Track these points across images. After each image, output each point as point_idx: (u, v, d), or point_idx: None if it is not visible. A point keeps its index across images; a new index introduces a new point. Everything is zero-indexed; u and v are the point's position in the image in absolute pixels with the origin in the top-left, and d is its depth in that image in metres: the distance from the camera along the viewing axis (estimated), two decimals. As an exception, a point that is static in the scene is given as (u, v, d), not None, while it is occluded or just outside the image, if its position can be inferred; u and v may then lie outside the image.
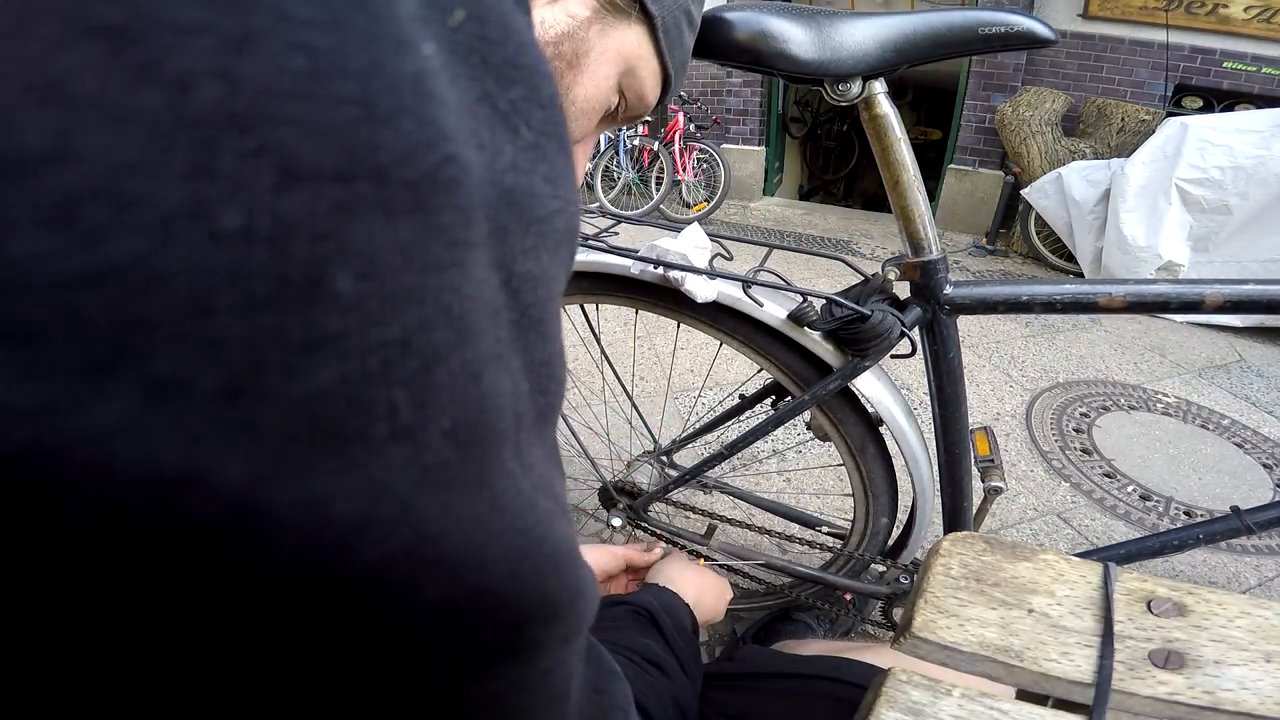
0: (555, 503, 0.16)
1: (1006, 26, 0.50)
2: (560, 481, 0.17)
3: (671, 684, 0.43)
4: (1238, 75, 2.97)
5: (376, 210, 0.10)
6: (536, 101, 0.14)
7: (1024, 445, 1.61)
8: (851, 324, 0.62)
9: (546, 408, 0.16)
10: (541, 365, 0.15)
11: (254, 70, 0.09)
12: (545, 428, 0.16)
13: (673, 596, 0.57)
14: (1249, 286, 0.54)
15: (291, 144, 0.09)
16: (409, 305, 0.11)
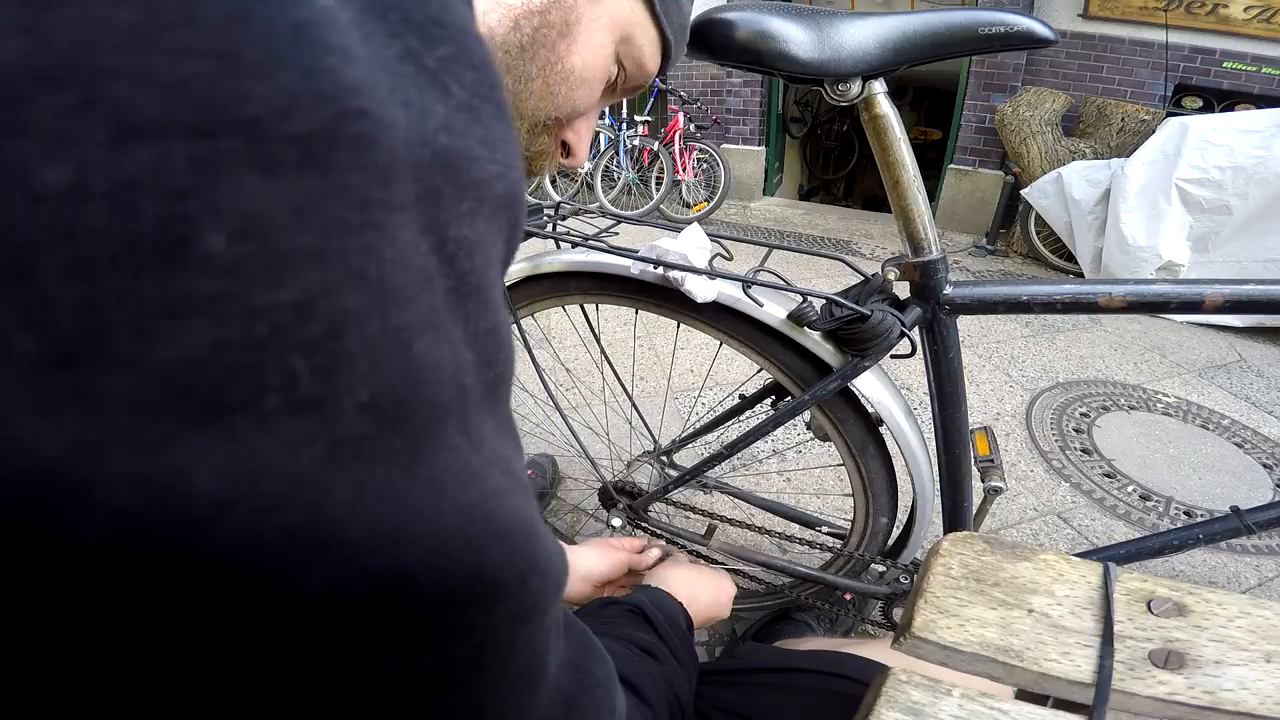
0: (511, 478, 0.15)
1: (1006, 26, 0.50)
2: (518, 456, 0.17)
3: (664, 669, 0.42)
4: (1238, 75, 2.97)
5: (251, 167, 0.09)
6: (467, 63, 0.14)
7: (1024, 445, 1.61)
8: (851, 324, 0.62)
9: (496, 380, 0.15)
10: (486, 334, 0.14)
11: (66, 25, 0.08)
12: (497, 402, 0.16)
13: (664, 595, 0.56)
14: (1249, 286, 0.54)
15: (126, 99, 0.08)
16: (305, 268, 0.10)
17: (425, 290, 0.12)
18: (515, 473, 0.16)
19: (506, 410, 0.17)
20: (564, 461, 1.47)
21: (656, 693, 0.39)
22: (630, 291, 0.74)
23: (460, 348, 0.13)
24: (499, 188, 0.14)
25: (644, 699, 0.37)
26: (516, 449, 0.17)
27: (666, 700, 0.40)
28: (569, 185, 4.32)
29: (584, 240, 0.72)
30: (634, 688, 0.37)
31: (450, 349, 0.13)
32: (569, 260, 0.77)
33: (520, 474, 0.16)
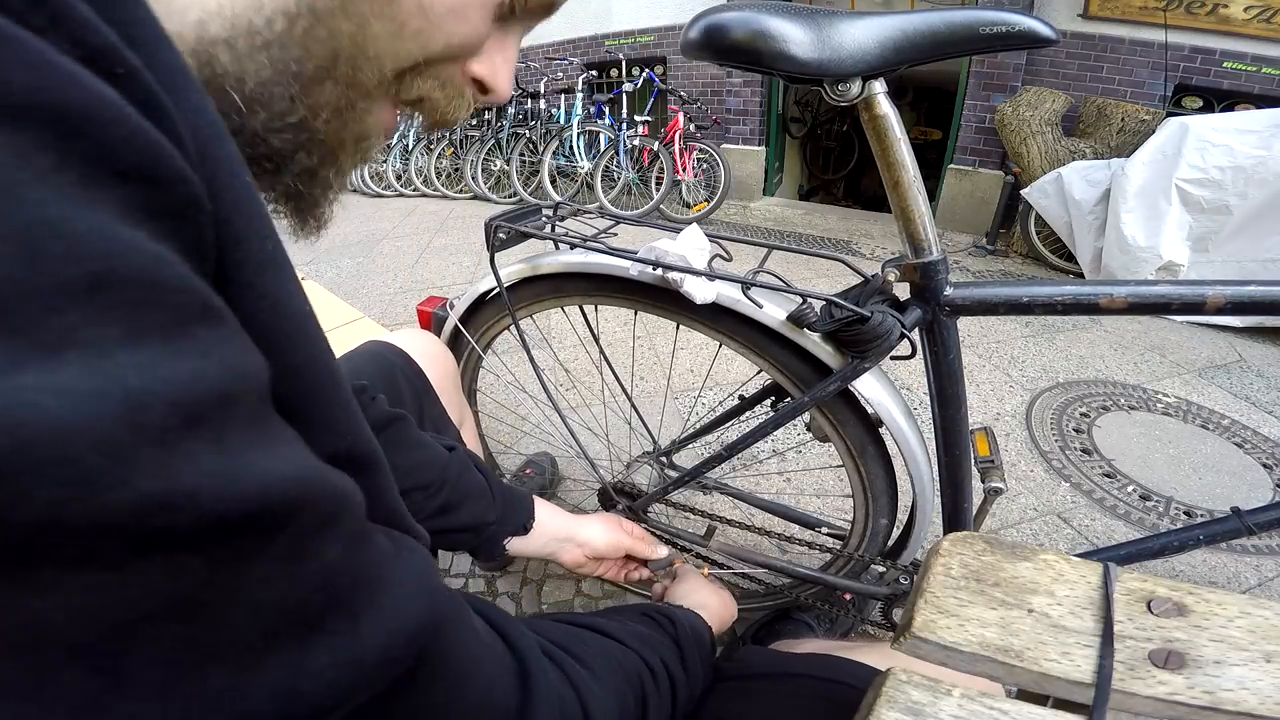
0: (104, 382, 0.14)
1: (1007, 26, 0.50)
2: (183, 365, 0.16)
3: (631, 655, 0.43)
4: (1238, 75, 2.97)
5: None
6: None
7: (1024, 445, 1.61)
8: (851, 325, 0.62)
9: (94, 280, 0.15)
10: (35, 229, 0.14)
11: None
12: (119, 307, 0.15)
13: (698, 619, 0.58)
14: (1250, 287, 0.54)
15: None
16: None
17: None
18: (144, 385, 0.15)
19: (191, 325, 0.17)
20: (563, 462, 1.47)
21: (610, 668, 0.40)
22: (629, 292, 0.74)
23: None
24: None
25: (583, 662, 0.38)
26: (204, 364, 0.17)
27: (626, 679, 0.41)
28: (569, 185, 4.33)
29: (583, 241, 0.72)
30: (577, 656, 0.38)
31: None
32: (568, 261, 0.77)
33: (182, 383, 0.16)
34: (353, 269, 3.01)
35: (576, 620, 0.45)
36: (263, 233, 0.23)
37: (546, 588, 1.17)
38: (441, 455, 0.59)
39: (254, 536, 0.18)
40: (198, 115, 0.20)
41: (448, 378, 0.76)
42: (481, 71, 0.36)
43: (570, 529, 0.71)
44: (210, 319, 0.18)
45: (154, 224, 0.17)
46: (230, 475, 0.17)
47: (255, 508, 0.17)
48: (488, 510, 0.62)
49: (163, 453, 0.15)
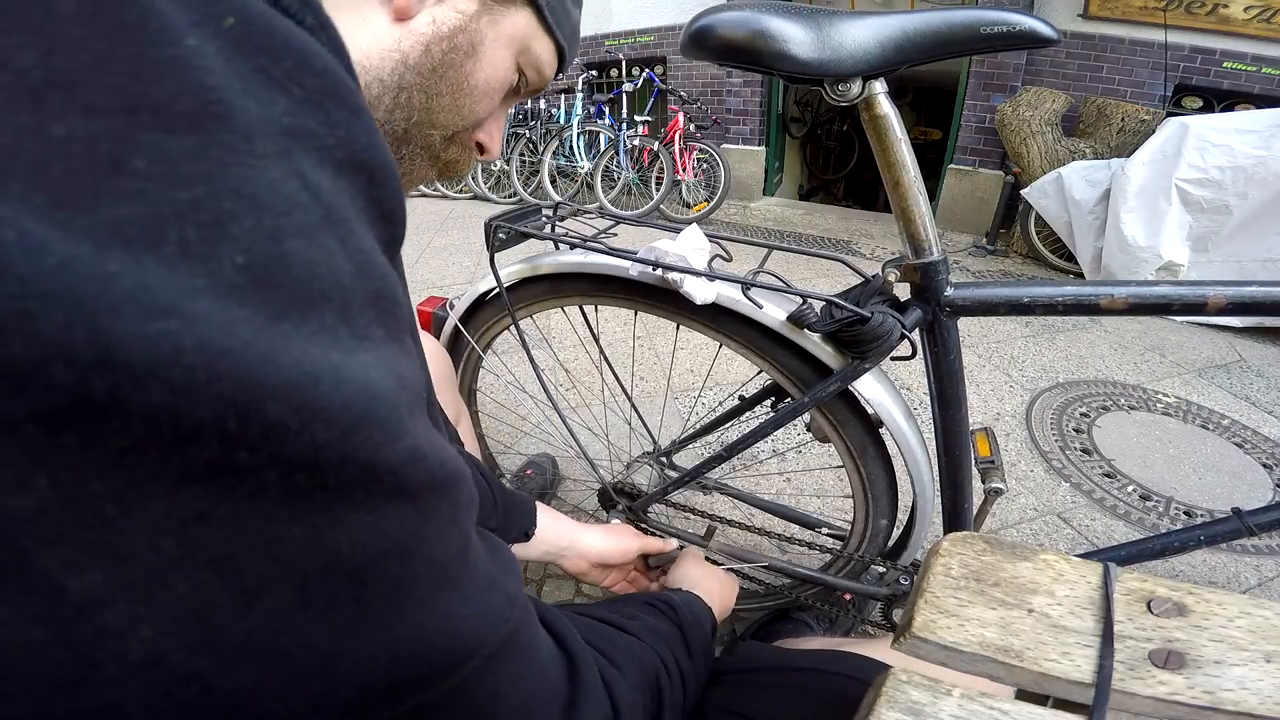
0: (387, 367, 0.19)
1: (1008, 26, 0.50)
2: (407, 365, 0.21)
3: (648, 649, 0.43)
4: (1238, 75, 2.98)
5: (158, 128, 0.15)
6: (308, 70, 0.19)
7: (1024, 445, 1.61)
8: (851, 326, 0.62)
9: (376, 291, 0.20)
10: (360, 254, 0.19)
11: (59, 63, 0.14)
12: (385, 314, 0.20)
13: (697, 599, 0.57)
14: (1251, 288, 0.54)
15: (90, 95, 0.15)
16: (197, 183, 0.16)
17: (297, 208, 0.17)
18: (399, 372, 0.20)
19: (405, 335, 0.22)
20: (563, 462, 1.47)
21: (634, 666, 0.40)
22: (629, 293, 0.74)
23: (338, 257, 0.18)
24: (340, 154, 0.19)
25: (614, 663, 0.39)
26: (411, 364, 0.21)
27: (645, 676, 0.41)
28: (569, 185, 4.33)
29: (583, 241, 0.72)
30: (604, 652, 0.39)
31: (324, 254, 0.18)
32: (567, 261, 0.77)
33: (406, 375, 0.20)
34: (353, 269, 3.00)
35: (593, 614, 0.45)
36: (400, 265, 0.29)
37: (546, 588, 1.17)
38: None
39: (439, 498, 0.22)
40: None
41: (444, 378, 0.76)
42: (483, 138, 0.49)
43: (572, 538, 0.71)
44: (414, 331, 0.24)
45: (389, 254, 0.22)
46: (436, 445, 0.22)
47: (444, 474, 0.22)
48: (489, 517, 0.62)
49: (413, 421, 0.20)
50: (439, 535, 0.23)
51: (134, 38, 0.16)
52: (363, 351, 0.18)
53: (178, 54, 0.16)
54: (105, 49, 0.15)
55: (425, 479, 0.21)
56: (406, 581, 0.21)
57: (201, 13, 0.17)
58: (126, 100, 0.15)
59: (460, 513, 0.24)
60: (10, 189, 0.13)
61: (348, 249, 0.19)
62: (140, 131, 0.15)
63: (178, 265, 0.15)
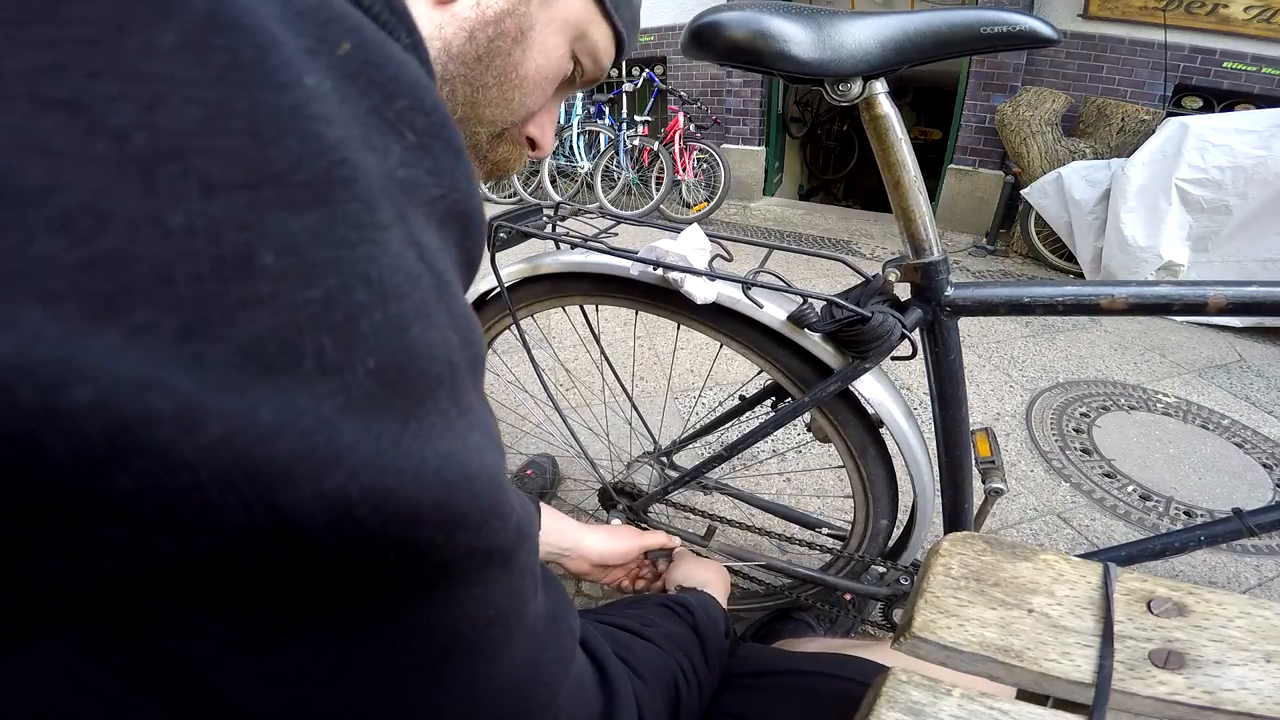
0: (487, 439, 0.19)
1: (1008, 26, 0.50)
2: (493, 421, 0.21)
3: (668, 658, 0.43)
4: (1238, 75, 2.97)
5: (283, 206, 0.14)
6: (420, 110, 0.18)
7: (1024, 445, 1.61)
8: (852, 326, 0.62)
9: (475, 357, 0.19)
10: (462, 319, 0.19)
11: (165, 121, 0.13)
12: (477, 375, 0.20)
13: (710, 600, 0.57)
14: (1252, 288, 0.54)
15: (206, 166, 0.13)
16: (327, 273, 0.14)
17: (416, 286, 0.16)
18: (492, 435, 0.20)
19: (482, 382, 0.22)
20: (564, 462, 1.47)
21: (654, 675, 0.40)
22: (630, 293, 0.74)
23: (447, 330, 0.17)
24: (443, 205, 0.18)
25: (637, 673, 0.39)
26: (491, 413, 0.22)
27: (664, 686, 0.41)
28: (569, 185, 4.32)
29: (583, 241, 0.72)
30: (625, 661, 0.39)
31: (439, 332, 0.17)
32: (568, 261, 0.77)
33: (495, 435, 0.21)
34: (353, 269, 3.00)
35: (612, 620, 0.44)
36: None
37: (547, 587, 1.17)
38: None
39: (525, 551, 0.22)
40: None
41: None
42: (534, 132, 0.44)
43: (575, 539, 0.71)
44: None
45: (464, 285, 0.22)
46: (516, 497, 0.21)
47: (526, 525, 0.22)
48: None
49: (507, 495, 0.20)
50: (522, 589, 0.23)
51: (251, 81, 0.14)
52: (469, 428, 0.18)
53: (297, 102, 0.14)
54: (219, 99, 0.13)
55: (517, 539, 0.21)
56: (504, 639, 0.22)
57: (315, 36, 0.15)
58: (248, 170, 0.13)
59: (534, 555, 0.24)
60: (137, 316, 0.12)
61: (453, 317, 0.18)
62: (266, 212, 0.13)
63: (317, 386, 0.14)
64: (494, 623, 0.21)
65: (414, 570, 0.17)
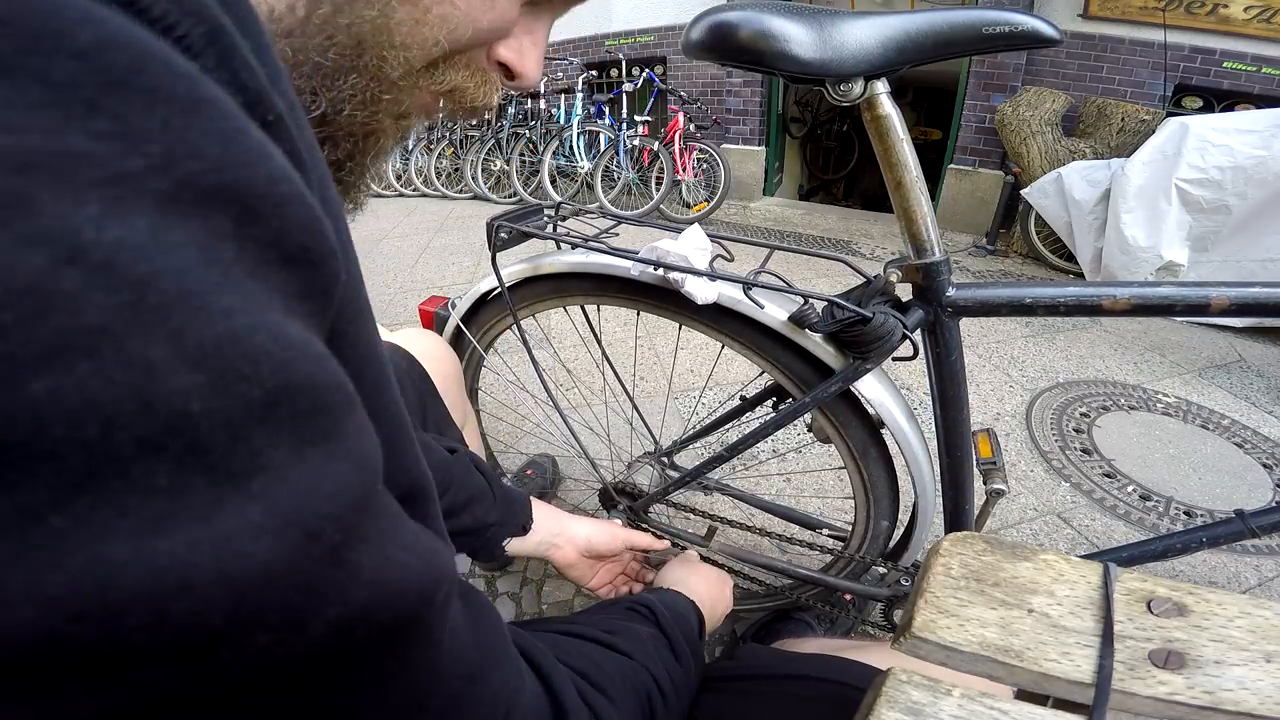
0: (274, 513, 0.15)
1: (1010, 26, 0.50)
2: (344, 464, 0.16)
3: (636, 664, 0.42)
4: (1238, 75, 2.97)
5: None
6: (62, 51, 0.11)
7: (1024, 445, 1.61)
8: (853, 326, 0.62)
9: (275, 395, 0.15)
10: (218, 347, 0.14)
11: None
12: (300, 419, 0.15)
13: (677, 596, 0.56)
14: (1254, 289, 0.54)
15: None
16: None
17: (56, 309, 0.12)
18: (326, 492, 0.15)
19: (349, 419, 0.17)
20: (564, 462, 1.47)
21: (625, 692, 0.39)
22: (631, 293, 0.74)
23: (167, 372, 0.13)
24: (162, 182, 0.13)
25: (600, 689, 0.37)
26: (361, 452, 0.17)
27: (636, 700, 0.40)
28: (569, 185, 4.32)
29: (584, 241, 0.72)
30: (595, 682, 0.37)
31: (134, 376, 0.12)
32: (569, 261, 0.77)
33: (366, 470, 0.16)
34: (353, 268, 3.00)
35: (580, 632, 0.44)
36: (359, 278, 0.22)
37: (546, 588, 1.18)
38: (445, 458, 0.59)
39: (401, 632, 0.18)
40: (313, 154, 0.19)
41: (451, 378, 0.76)
42: (508, 56, 0.34)
43: (562, 525, 0.71)
44: (351, 407, 0.16)
45: (306, 308, 0.15)
46: (383, 581, 0.17)
47: (404, 607, 0.18)
48: (489, 512, 0.63)
49: (338, 573, 0.15)
50: (407, 665, 0.19)
51: None
52: (237, 501, 0.13)
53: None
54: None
55: (380, 628, 0.17)
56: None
57: None
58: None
59: (444, 619, 0.21)
60: None
61: (193, 348, 0.12)
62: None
63: None
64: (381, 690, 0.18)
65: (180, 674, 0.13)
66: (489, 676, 0.26)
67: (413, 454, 0.28)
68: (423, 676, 0.20)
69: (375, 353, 0.23)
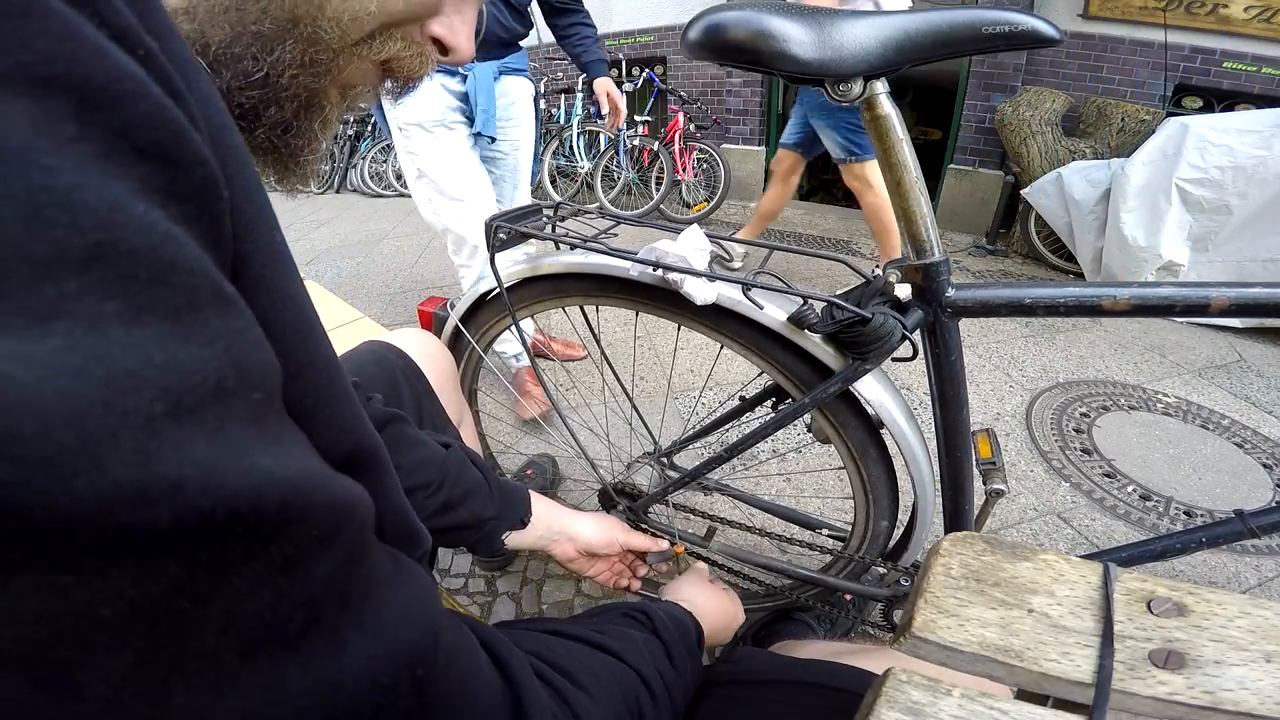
0: (90, 355, 0.14)
1: (1010, 26, 0.50)
2: (172, 347, 0.15)
3: (628, 670, 0.42)
4: (1238, 75, 2.97)
5: None
6: None
7: (1024, 445, 1.61)
8: (852, 327, 0.62)
9: (96, 250, 0.14)
10: (38, 193, 0.14)
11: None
12: (128, 282, 0.15)
13: (676, 606, 0.57)
14: (1254, 289, 0.54)
15: None
16: None
17: None
18: (140, 360, 0.14)
19: (197, 310, 0.16)
20: (564, 462, 1.47)
21: (606, 687, 0.39)
22: (630, 293, 0.74)
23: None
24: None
25: (581, 686, 0.37)
26: (194, 348, 0.16)
27: (621, 697, 0.40)
28: (569, 185, 4.32)
29: (583, 241, 0.72)
30: (563, 670, 0.38)
31: None
32: (568, 262, 0.77)
33: (179, 363, 0.15)
34: (353, 269, 3.01)
35: (570, 632, 0.44)
36: (270, 224, 0.23)
37: (546, 588, 1.18)
38: (439, 453, 0.59)
39: (242, 541, 0.16)
40: (207, 104, 0.20)
41: (447, 378, 0.76)
42: (440, 31, 0.37)
43: (563, 522, 0.71)
44: (222, 307, 0.17)
45: (174, 207, 0.16)
46: (222, 469, 0.15)
47: (246, 508, 0.16)
48: (486, 506, 0.63)
49: (147, 439, 0.14)
50: (248, 588, 0.17)
51: None
52: (23, 335, 0.12)
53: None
54: None
55: (197, 516, 0.15)
56: (165, 656, 0.16)
57: None
58: None
59: (313, 553, 0.19)
60: None
61: (12, 189, 0.13)
62: None
63: None
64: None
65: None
66: (397, 639, 0.23)
67: (352, 414, 0.28)
68: (289, 609, 0.18)
69: (297, 302, 0.24)
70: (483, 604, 1.15)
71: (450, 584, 1.19)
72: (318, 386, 0.25)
